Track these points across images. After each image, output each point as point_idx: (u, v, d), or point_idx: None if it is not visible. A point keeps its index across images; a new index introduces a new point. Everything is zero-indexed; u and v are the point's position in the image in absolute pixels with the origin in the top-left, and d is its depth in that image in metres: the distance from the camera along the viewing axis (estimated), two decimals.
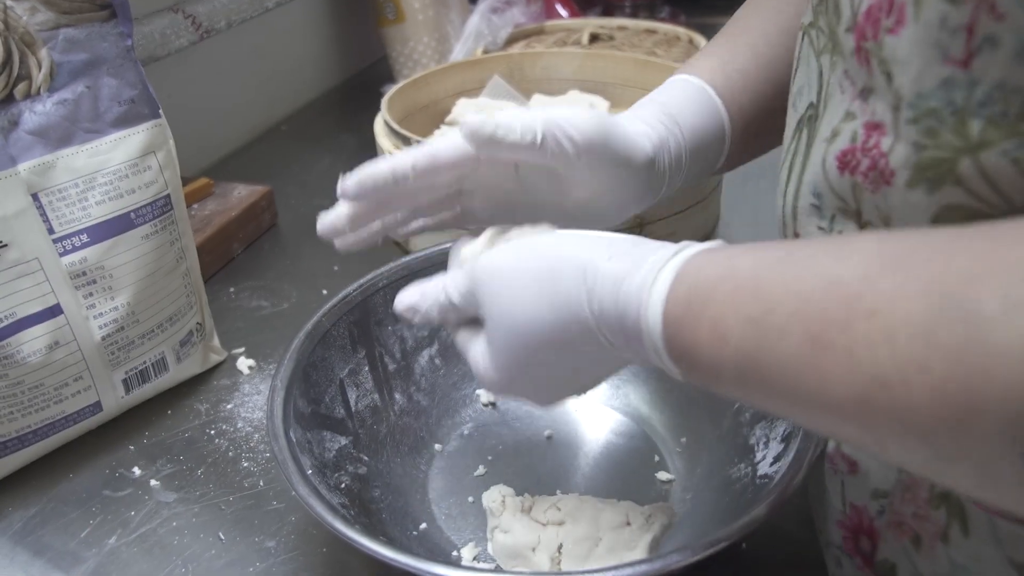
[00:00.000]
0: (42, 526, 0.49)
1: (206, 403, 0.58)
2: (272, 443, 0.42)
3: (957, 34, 0.27)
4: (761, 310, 0.27)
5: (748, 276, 0.28)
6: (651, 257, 0.32)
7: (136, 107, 0.52)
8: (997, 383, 0.20)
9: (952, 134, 0.28)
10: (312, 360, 0.48)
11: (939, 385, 0.21)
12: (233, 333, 0.65)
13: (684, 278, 0.30)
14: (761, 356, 0.27)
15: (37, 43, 0.48)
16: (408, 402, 0.54)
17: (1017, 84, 0.26)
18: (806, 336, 0.25)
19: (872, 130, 0.32)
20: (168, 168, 0.54)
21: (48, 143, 0.49)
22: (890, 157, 0.30)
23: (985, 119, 0.27)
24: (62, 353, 0.50)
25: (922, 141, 0.29)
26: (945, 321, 0.21)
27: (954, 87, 0.27)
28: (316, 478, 0.41)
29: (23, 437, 0.51)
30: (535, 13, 1.17)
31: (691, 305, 0.29)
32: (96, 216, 0.50)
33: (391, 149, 0.71)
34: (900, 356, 0.22)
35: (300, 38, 1.09)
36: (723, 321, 0.28)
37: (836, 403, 0.24)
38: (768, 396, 0.28)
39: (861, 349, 0.23)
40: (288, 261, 0.75)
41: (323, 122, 1.06)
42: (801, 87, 0.39)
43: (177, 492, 0.51)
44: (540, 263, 0.35)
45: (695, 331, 0.29)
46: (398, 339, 0.54)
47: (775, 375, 0.26)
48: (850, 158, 0.33)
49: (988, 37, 0.26)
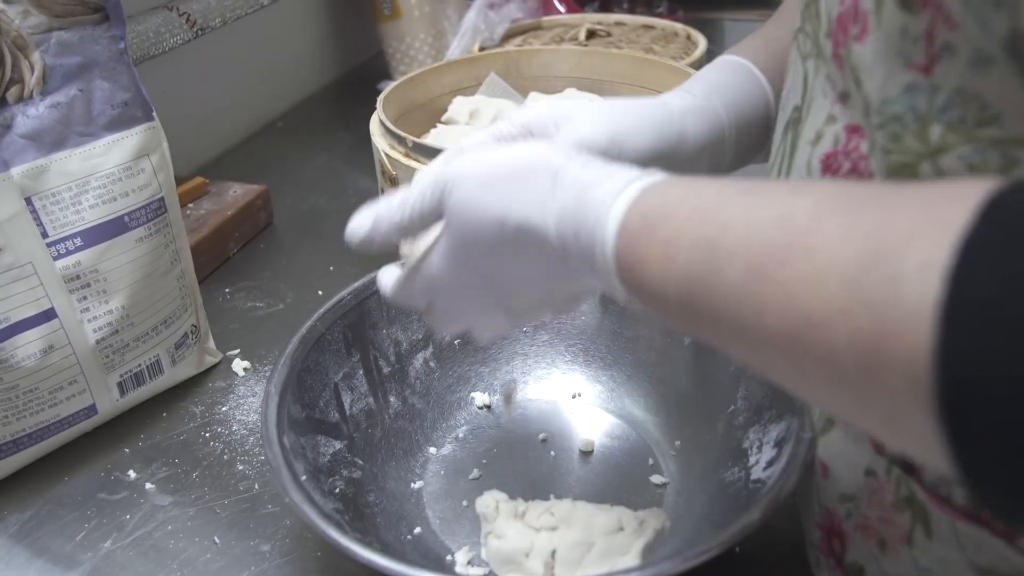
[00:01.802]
0: (38, 529, 0.49)
1: (201, 405, 0.58)
2: (266, 449, 0.42)
3: (918, 42, 0.27)
4: (713, 233, 0.27)
5: (709, 201, 0.28)
6: (622, 173, 0.32)
7: (129, 110, 0.52)
8: (905, 341, 0.21)
9: (914, 139, 0.29)
10: (306, 365, 0.48)
11: (856, 333, 0.22)
12: (228, 334, 0.65)
13: (648, 195, 0.30)
14: (706, 279, 0.27)
15: (29, 46, 0.48)
16: (403, 405, 0.54)
17: (974, 91, 0.27)
18: (748, 265, 0.25)
19: (852, 133, 0.32)
20: (162, 171, 0.54)
21: (41, 147, 0.49)
22: (870, 160, 0.31)
23: (945, 124, 0.28)
24: (57, 357, 0.50)
25: (888, 146, 0.30)
26: (872, 272, 0.22)
27: (917, 93, 0.28)
28: (310, 484, 0.41)
29: (18, 441, 0.51)
30: (532, 9, 1.16)
31: (647, 220, 0.29)
32: (90, 220, 0.50)
33: (386, 149, 0.70)
34: (828, 298, 0.23)
35: (296, 34, 1.08)
36: (676, 241, 0.28)
37: (770, 336, 0.25)
38: (709, 324, 0.28)
39: (796, 286, 0.24)
40: (284, 261, 0.75)
41: (319, 118, 1.06)
42: (789, 90, 0.40)
43: (172, 495, 0.51)
44: (512, 164, 0.34)
45: (647, 247, 0.29)
46: (393, 342, 0.54)
47: (718, 301, 0.27)
48: (832, 161, 0.34)
49: (946, 45, 0.27)
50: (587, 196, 0.31)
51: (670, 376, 0.54)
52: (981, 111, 0.26)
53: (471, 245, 0.35)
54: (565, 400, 0.56)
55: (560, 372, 0.58)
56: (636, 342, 0.56)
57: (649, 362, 0.56)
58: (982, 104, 0.26)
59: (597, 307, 0.58)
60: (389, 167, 0.70)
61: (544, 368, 0.58)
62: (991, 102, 0.26)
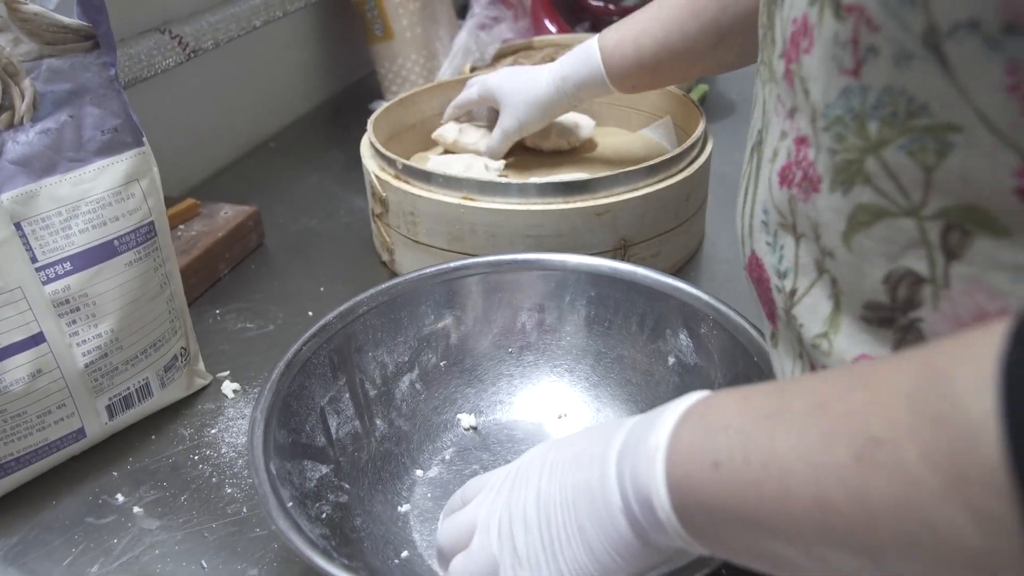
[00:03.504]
0: (24, 554, 0.49)
1: (190, 428, 0.58)
2: (253, 476, 0.42)
3: (846, 47, 0.30)
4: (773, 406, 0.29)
5: (756, 407, 0.30)
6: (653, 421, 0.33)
7: (119, 136, 0.52)
8: (978, 452, 0.22)
9: (856, 137, 0.30)
10: (292, 390, 0.49)
11: (926, 448, 0.23)
12: (218, 356, 0.65)
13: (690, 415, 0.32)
14: (769, 424, 0.28)
15: (20, 73, 0.49)
16: (389, 428, 0.54)
17: (900, 87, 0.28)
18: (813, 403, 0.27)
19: (800, 144, 0.34)
20: (152, 195, 0.54)
21: (31, 172, 0.49)
22: (816, 165, 0.33)
23: (880, 120, 0.29)
24: (45, 381, 0.50)
25: (834, 146, 0.32)
26: (929, 391, 0.23)
27: (851, 95, 0.30)
28: (297, 510, 0.42)
29: (5, 465, 0.51)
30: (523, 29, 1.17)
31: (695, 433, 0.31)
32: (79, 244, 0.51)
33: (376, 171, 0.71)
34: (893, 419, 0.24)
35: (288, 55, 1.09)
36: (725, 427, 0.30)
37: (836, 464, 0.25)
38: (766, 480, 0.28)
39: (858, 412, 0.25)
40: (275, 282, 0.75)
41: (311, 139, 1.07)
42: (753, 118, 0.42)
43: (160, 519, 0.51)
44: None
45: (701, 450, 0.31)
46: (378, 365, 0.55)
47: (778, 442, 0.28)
48: (787, 172, 0.35)
49: (869, 47, 0.29)
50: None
51: (655, 396, 0.54)
52: (909, 103, 0.28)
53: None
54: (551, 421, 0.57)
55: (546, 392, 0.58)
56: (621, 362, 0.57)
57: (634, 382, 0.56)
58: (908, 97, 0.28)
59: (582, 327, 0.58)
60: (379, 189, 0.70)
61: (530, 388, 0.58)
62: (916, 94, 0.28)
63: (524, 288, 0.59)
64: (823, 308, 0.35)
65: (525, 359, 0.59)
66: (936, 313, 0.30)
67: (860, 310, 0.33)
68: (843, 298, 0.34)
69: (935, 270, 0.30)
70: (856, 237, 0.32)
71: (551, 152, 0.85)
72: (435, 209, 0.66)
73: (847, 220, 0.32)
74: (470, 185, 0.66)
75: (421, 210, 0.67)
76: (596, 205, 0.64)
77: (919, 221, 0.29)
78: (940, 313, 0.30)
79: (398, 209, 0.69)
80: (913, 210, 0.30)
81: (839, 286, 0.34)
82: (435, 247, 0.68)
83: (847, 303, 0.34)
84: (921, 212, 0.29)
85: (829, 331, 0.35)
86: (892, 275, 0.31)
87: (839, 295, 0.34)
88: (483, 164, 0.78)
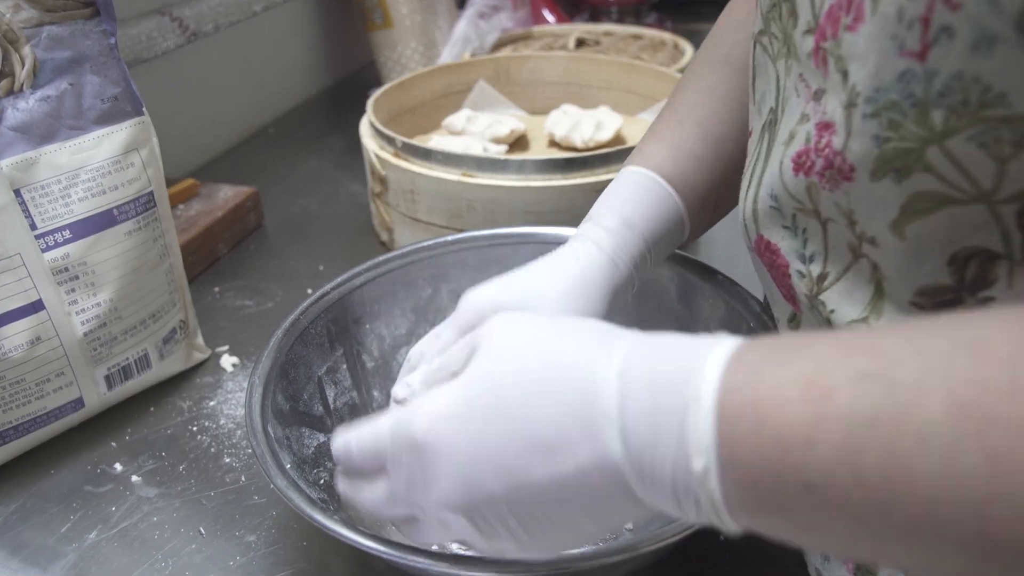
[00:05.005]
0: (22, 522, 0.49)
1: (189, 400, 0.58)
2: (250, 438, 0.42)
3: (913, 26, 0.27)
4: (876, 365, 0.22)
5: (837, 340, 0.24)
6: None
7: (119, 104, 0.52)
8: None
9: (915, 125, 0.28)
10: (290, 357, 0.48)
11: None
12: (217, 332, 0.65)
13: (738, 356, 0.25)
14: (888, 425, 0.21)
15: (20, 40, 0.49)
16: (387, 400, 0.54)
17: (975, 74, 0.26)
18: (954, 402, 0.20)
19: (823, 130, 0.32)
20: (151, 165, 0.54)
21: (31, 139, 0.49)
22: (846, 154, 0.31)
23: (947, 108, 0.27)
24: (44, 349, 0.50)
25: (883, 134, 0.29)
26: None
27: (912, 79, 0.27)
28: (295, 473, 0.42)
29: (3, 433, 0.51)
30: (522, 19, 1.18)
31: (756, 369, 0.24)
32: (79, 212, 0.51)
33: (376, 150, 0.71)
34: None
35: (288, 42, 1.09)
36: (822, 377, 0.22)
37: (1006, 492, 0.19)
38: (885, 498, 0.21)
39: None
40: (274, 261, 0.75)
41: (310, 125, 1.07)
42: (763, 92, 0.39)
43: (158, 487, 0.51)
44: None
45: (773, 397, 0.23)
46: (376, 337, 0.54)
47: (906, 454, 0.21)
48: (804, 159, 0.33)
49: (944, 28, 0.26)
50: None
51: None
52: (984, 92, 0.26)
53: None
54: None
55: None
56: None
57: None
58: (984, 85, 0.26)
59: None
60: (379, 167, 0.70)
61: None
62: (993, 82, 0.25)
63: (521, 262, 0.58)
64: (862, 293, 0.33)
65: None
66: (1011, 291, 0.28)
67: (911, 296, 0.31)
68: (887, 284, 0.32)
69: (1011, 246, 0.28)
70: (912, 225, 0.29)
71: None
72: (434, 186, 0.66)
73: (900, 208, 0.29)
74: (469, 162, 0.66)
75: (421, 188, 0.67)
76: (595, 181, 0.64)
77: (991, 205, 0.27)
78: (1015, 290, 0.28)
79: (397, 187, 0.69)
80: (984, 196, 0.27)
81: (881, 271, 0.32)
82: (434, 224, 0.68)
83: (893, 289, 0.31)
84: (993, 197, 0.27)
85: (870, 316, 0.33)
86: (959, 255, 0.29)
87: (881, 280, 0.32)
88: (482, 148, 0.78)
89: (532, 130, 0.86)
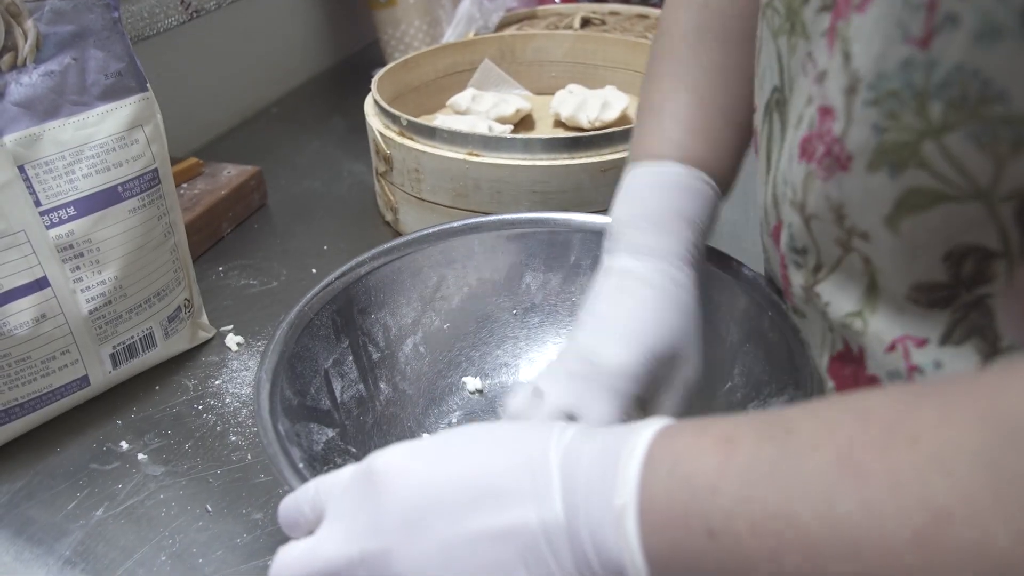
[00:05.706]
0: (28, 499, 0.49)
1: (194, 379, 0.58)
2: (262, 436, 0.41)
3: (918, 12, 0.26)
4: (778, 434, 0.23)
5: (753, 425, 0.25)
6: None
7: (123, 80, 0.52)
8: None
9: (914, 116, 0.27)
10: (296, 351, 0.47)
11: (1013, 516, 0.19)
12: (222, 311, 0.64)
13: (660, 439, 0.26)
14: (782, 478, 0.22)
15: (23, 14, 0.48)
16: (394, 392, 0.53)
17: (975, 68, 0.25)
18: (838, 457, 0.22)
19: (824, 115, 0.31)
20: (155, 142, 0.54)
21: (34, 115, 0.49)
22: (845, 142, 0.30)
23: (945, 102, 0.26)
24: (49, 326, 0.50)
25: (883, 123, 0.28)
26: (1009, 451, 0.19)
27: (913, 68, 0.27)
28: (308, 472, 0.41)
29: (10, 410, 0.51)
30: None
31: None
32: (83, 189, 0.50)
33: (381, 129, 0.71)
34: (956, 483, 0.20)
35: (291, 20, 1.08)
36: (733, 438, 0.24)
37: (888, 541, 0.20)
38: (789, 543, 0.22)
39: (907, 474, 0.20)
40: (278, 240, 0.75)
41: (313, 105, 1.06)
42: (764, 68, 0.38)
43: (165, 465, 0.51)
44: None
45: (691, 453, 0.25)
46: (382, 327, 0.54)
47: (795, 504, 0.22)
48: (808, 145, 0.32)
49: (949, 15, 0.25)
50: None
51: None
52: (983, 87, 0.25)
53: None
54: None
55: (552, 355, 0.57)
56: None
57: None
58: (983, 80, 0.25)
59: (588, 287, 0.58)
60: (383, 146, 0.70)
61: (536, 351, 0.58)
62: (994, 77, 0.25)
63: (529, 248, 0.58)
64: (854, 287, 0.33)
65: (530, 320, 0.58)
66: (1010, 287, 0.28)
67: (906, 291, 0.31)
68: (880, 278, 0.31)
69: (1008, 243, 0.27)
70: (906, 221, 0.29)
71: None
72: (439, 165, 0.66)
73: (894, 203, 0.29)
74: (475, 140, 0.65)
75: (425, 166, 0.67)
76: (601, 161, 0.64)
77: (989, 203, 0.27)
78: (1014, 287, 0.28)
79: (402, 166, 0.69)
80: (981, 194, 0.27)
81: (874, 265, 0.31)
82: (439, 204, 0.68)
83: (887, 284, 0.31)
84: (991, 196, 0.27)
85: (864, 310, 0.32)
86: (954, 252, 0.28)
87: (875, 274, 0.31)
88: (487, 127, 0.77)
89: (538, 110, 0.85)
